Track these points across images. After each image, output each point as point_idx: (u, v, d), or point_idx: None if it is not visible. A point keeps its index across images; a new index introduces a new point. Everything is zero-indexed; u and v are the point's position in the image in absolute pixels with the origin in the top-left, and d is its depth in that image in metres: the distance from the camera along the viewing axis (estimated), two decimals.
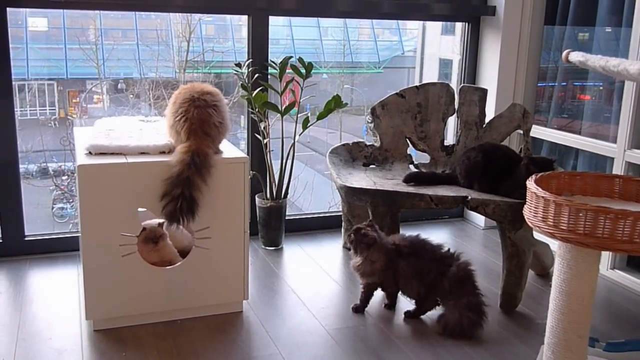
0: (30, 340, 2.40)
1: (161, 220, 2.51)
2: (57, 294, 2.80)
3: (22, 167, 3.19)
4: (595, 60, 2.24)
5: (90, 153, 2.45)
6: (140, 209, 2.45)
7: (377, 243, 2.53)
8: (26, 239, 3.20)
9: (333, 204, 4.64)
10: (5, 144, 3.05)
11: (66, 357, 2.29)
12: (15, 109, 3.09)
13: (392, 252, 2.55)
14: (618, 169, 3.12)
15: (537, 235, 2.91)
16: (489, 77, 3.77)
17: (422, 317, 2.66)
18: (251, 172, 3.21)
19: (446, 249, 2.60)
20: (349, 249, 2.64)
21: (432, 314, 2.64)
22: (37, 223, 4.70)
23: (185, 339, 2.44)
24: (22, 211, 3.17)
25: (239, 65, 3.26)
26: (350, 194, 2.82)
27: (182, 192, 2.34)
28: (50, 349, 2.34)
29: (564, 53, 2.42)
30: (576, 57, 2.35)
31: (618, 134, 3.13)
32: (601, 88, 3.66)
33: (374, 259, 2.54)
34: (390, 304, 2.73)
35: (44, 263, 3.12)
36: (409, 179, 2.91)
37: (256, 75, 3.29)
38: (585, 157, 3.50)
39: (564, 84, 3.81)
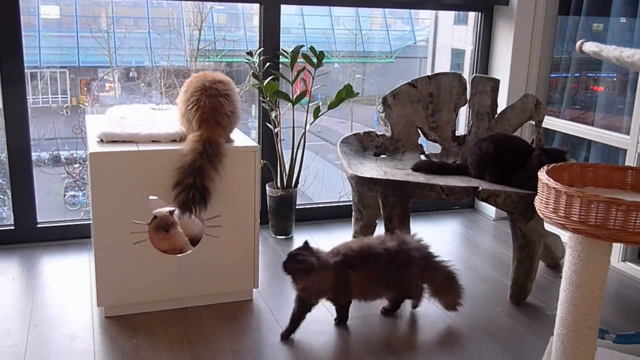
0: (43, 326, 2.42)
1: (172, 208, 2.52)
2: (69, 281, 2.82)
3: (34, 155, 3.21)
4: (610, 51, 2.22)
5: (101, 141, 2.46)
6: (151, 197, 2.46)
7: (315, 267, 2.32)
8: (38, 226, 3.23)
9: (343, 194, 4.64)
10: (17, 132, 3.07)
11: (78, 343, 2.31)
12: (28, 97, 3.11)
13: (340, 265, 2.38)
14: (631, 161, 3.11)
15: (547, 226, 2.90)
16: (501, 68, 3.75)
17: (430, 304, 2.66)
18: (262, 161, 3.21)
19: (391, 238, 2.50)
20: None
21: (438, 307, 2.64)
22: (49, 210, 4.72)
23: (195, 326, 2.45)
24: (35, 198, 3.19)
25: (250, 54, 3.25)
26: (360, 183, 2.81)
27: (194, 181, 2.34)
28: (62, 334, 2.37)
29: (578, 43, 2.40)
30: (590, 47, 2.33)
31: (631, 126, 3.11)
32: (615, 79, 3.63)
33: (320, 279, 2.35)
34: (341, 319, 2.54)
35: (56, 250, 3.15)
36: (418, 168, 2.90)
37: (267, 64, 3.29)
38: (598, 149, 3.48)
39: (577, 74, 3.78)
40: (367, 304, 2.53)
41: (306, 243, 2.40)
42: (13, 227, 3.18)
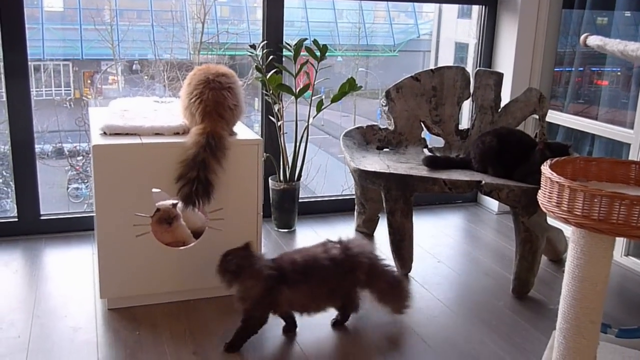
0: (46, 318, 2.43)
1: (175, 201, 2.52)
2: (72, 273, 2.83)
3: (37, 147, 3.21)
4: (614, 45, 2.21)
5: (105, 133, 2.46)
6: (154, 190, 2.46)
7: (246, 270, 2.21)
8: (42, 218, 3.23)
9: (346, 187, 4.64)
10: (21, 124, 3.07)
11: (81, 334, 2.32)
12: (31, 89, 3.11)
13: (273, 279, 2.22)
14: (634, 155, 3.10)
15: (550, 220, 2.90)
16: (505, 61, 3.74)
17: (434, 303, 2.67)
18: (265, 154, 3.21)
19: (336, 247, 2.34)
20: (363, 233, 2.58)
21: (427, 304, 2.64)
22: (52, 203, 4.73)
23: (198, 319, 2.46)
24: (38, 191, 3.20)
25: (253, 47, 3.25)
26: (363, 177, 2.81)
27: (198, 175, 2.34)
28: (65, 326, 2.37)
29: (582, 37, 2.39)
30: (594, 41, 2.32)
31: (635, 120, 3.10)
32: (619, 73, 3.62)
33: (247, 286, 2.22)
34: (289, 328, 2.39)
35: (59, 242, 3.15)
36: (430, 163, 2.88)
37: (271, 57, 3.28)
38: (601, 143, 3.47)
39: (581, 69, 3.77)
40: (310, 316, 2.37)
41: (247, 245, 2.28)
42: (16, 219, 3.19)
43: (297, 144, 3.38)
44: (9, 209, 4.83)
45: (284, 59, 3.40)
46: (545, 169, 1.86)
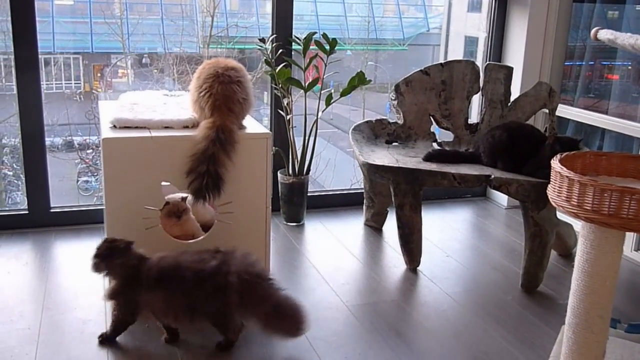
0: (56, 310, 2.44)
1: (185, 195, 2.53)
2: (81, 265, 2.83)
3: (47, 140, 3.23)
4: (625, 39, 2.20)
5: (114, 127, 2.47)
6: (163, 183, 2.47)
7: (108, 263, 2.13)
8: (52, 210, 3.25)
9: (355, 181, 4.64)
10: (31, 117, 3.09)
11: (90, 326, 2.33)
12: (42, 83, 3.12)
13: (129, 279, 2.13)
14: None
15: (560, 215, 2.89)
16: (515, 55, 3.72)
17: (443, 297, 2.67)
18: (274, 148, 3.21)
19: (215, 256, 2.15)
20: (371, 227, 2.57)
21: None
22: (62, 195, 4.76)
23: None
24: (48, 183, 3.22)
25: (263, 40, 3.25)
26: (372, 171, 2.81)
27: (208, 169, 2.35)
28: (75, 318, 2.39)
29: (593, 31, 2.38)
30: (605, 35, 2.31)
31: None
32: (630, 67, 3.60)
33: (109, 279, 2.18)
34: (171, 339, 2.25)
35: (69, 235, 3.17)
36: (429, 158, 2.89)
37: (280, 51, 3.28)
38: (612, 138, 3.46)
39: (592, 63, 3.75)
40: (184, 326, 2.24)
41: (130, 242, 2.18)
42: (27, 212, 3.21)
43: (306, 137, 3.38)
44: (19, 201, 4.87)
45: (293, 52, 3.40)
46: (555, 163, 1.85)
